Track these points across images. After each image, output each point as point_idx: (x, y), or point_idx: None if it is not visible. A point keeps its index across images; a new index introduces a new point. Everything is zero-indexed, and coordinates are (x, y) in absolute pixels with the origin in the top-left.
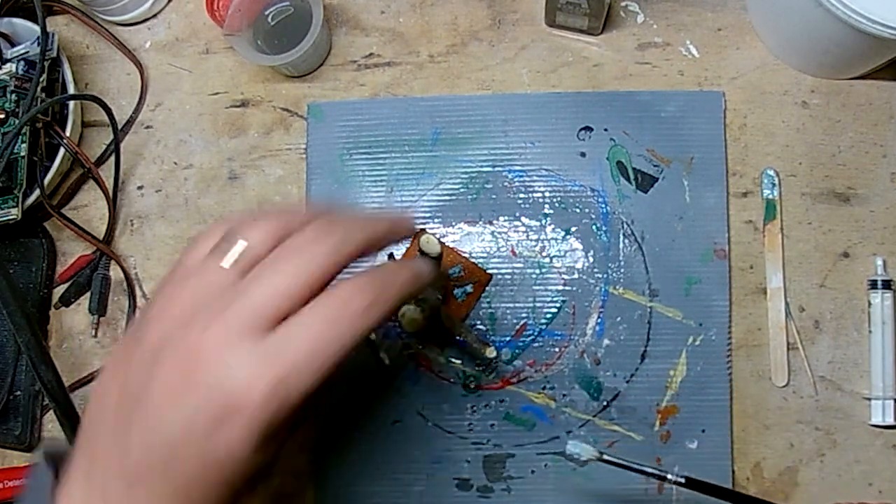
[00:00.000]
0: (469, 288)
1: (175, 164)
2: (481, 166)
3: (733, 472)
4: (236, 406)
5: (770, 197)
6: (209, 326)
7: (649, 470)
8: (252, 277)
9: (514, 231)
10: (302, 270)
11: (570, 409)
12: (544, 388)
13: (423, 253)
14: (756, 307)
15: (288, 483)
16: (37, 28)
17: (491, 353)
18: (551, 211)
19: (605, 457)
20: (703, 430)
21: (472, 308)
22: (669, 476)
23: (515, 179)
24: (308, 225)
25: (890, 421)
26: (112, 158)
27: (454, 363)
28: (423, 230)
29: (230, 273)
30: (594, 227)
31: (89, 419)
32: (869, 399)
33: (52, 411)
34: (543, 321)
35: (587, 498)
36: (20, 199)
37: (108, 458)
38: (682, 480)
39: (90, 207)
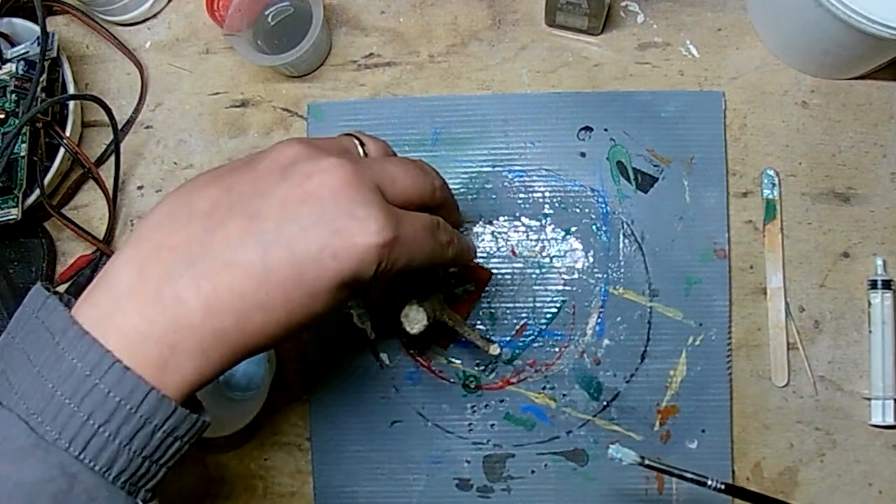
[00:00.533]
0: (470, 286)
1: (175, 164)
2: (481, 166)
3: (733, 472)
4: (351, 241)
5: (770, 197)
6: (345, 164)
7: (689, 475)
8: (385, 160)
9: (514, 231)
10: (421, 182)
11: (570, 409)
12: (544, 388)
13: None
14: (756, 307)
15: (287, 483)
16: (37, 28)
17: (495, 350)
18: (551, 211)
19: (647, 461)
20: (703, 430)
21: (473, 306)
22: (709, 482)
23: (515, 179)
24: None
25: (890, 421)
26: (112, 158)
27: (454, 363)
28: None
29: (359, 148)
30: (594, 227)
31: (156, 221)
32: (869, 399)
33: None
34: (543, 321)
35: (587, 498)
36: (20, 199)
37: (176, 247)
38: (722, 487)
39: (90, 207)
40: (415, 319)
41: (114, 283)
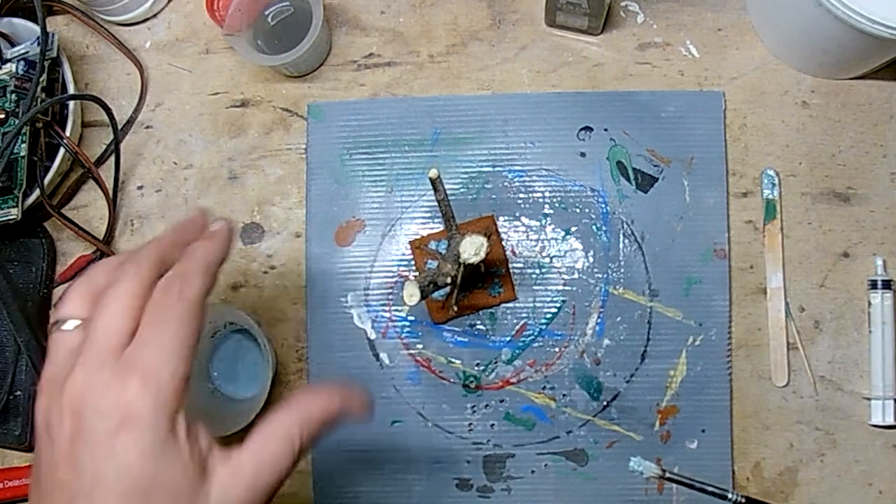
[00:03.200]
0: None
1: (175, 164)
2: (481, 166)
3: (733, 472)
4: (127, 417)
5: (770, 197)
6: (73, 374)
7: (710, 489)
8: (88, 322)
9: (514, 231)
10: (124, 299)
11: (570, 409)
12: (544, 388)
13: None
14: (756, 307)
15: (287, 483)
16: (37, 28)
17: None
18: (551, 211)
19: (668, 474)
20: (703, 430)
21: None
22: (730, 495)
23: (515, 179)
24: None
25: (890, 421)
26: (112, 158)
27: (454, 363)
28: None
29: (74, 334)
30: (594, 227)
31: None
32: (869, 399)
33: None
34: (543, 321)
35: (587, 498)
36: (20, 199)
37: None
38: (743, 500)
39: (90, 207)
40: (474, 245)
41: None
